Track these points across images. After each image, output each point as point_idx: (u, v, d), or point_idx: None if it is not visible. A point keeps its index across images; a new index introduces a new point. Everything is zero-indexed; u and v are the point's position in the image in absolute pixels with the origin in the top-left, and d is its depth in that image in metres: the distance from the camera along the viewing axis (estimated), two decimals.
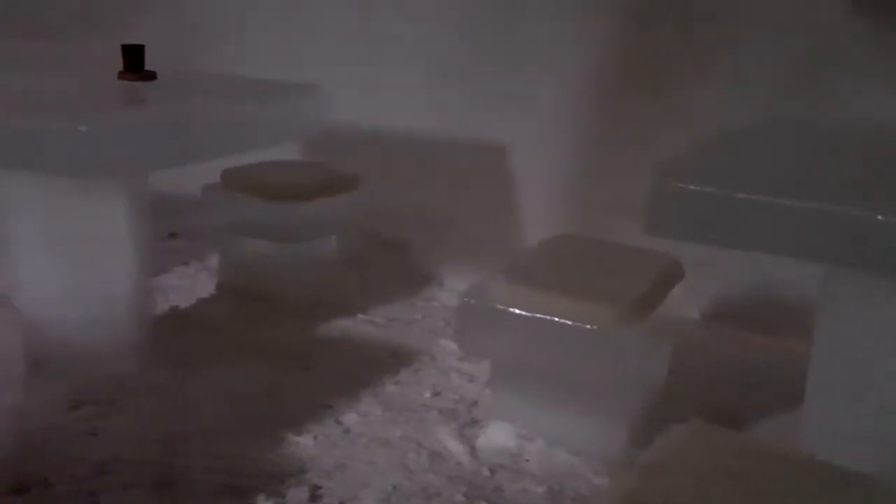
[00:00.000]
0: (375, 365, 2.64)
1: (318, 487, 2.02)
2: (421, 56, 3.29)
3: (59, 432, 2.17)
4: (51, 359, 2.24)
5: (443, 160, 3.29)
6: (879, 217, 1.53)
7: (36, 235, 2.35)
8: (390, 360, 2.68)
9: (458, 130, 3.24)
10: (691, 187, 1.68)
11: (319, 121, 2.56)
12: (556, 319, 2.00)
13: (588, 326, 1.97)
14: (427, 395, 2.47)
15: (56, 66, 2.68)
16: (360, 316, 2.97)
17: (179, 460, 2.11)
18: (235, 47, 3.48)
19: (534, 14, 3.15)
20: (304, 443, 2.20)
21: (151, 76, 2.43)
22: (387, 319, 2.97)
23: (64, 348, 2.31)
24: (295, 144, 3.18)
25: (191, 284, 3.15)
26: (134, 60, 2.37)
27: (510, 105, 3.14)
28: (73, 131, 2.00)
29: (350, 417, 2.33)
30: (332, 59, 3.34)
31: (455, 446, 2.21)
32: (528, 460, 2.15)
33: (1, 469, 1.93)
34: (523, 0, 3.16)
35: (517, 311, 2.03)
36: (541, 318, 2.01)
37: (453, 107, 3.24)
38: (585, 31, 3.09)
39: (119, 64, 2.47)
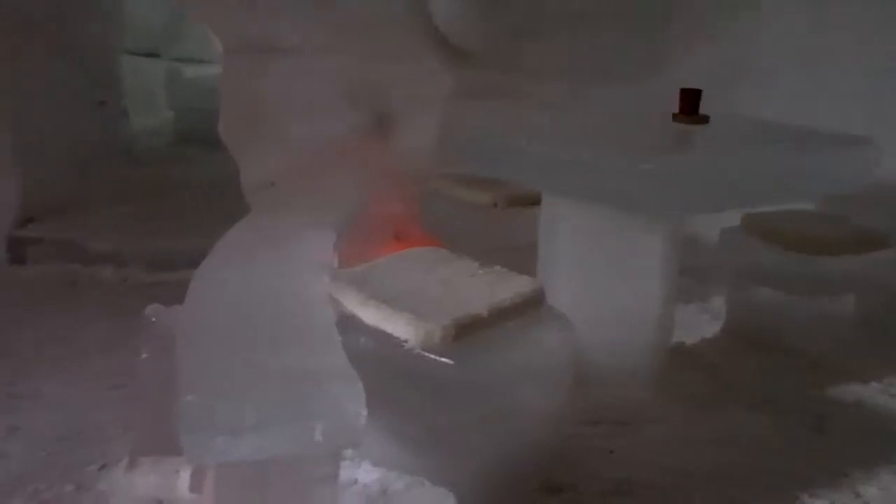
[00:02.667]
0: (894, 439, 2.46)
1: None
2: None
3: (580, 444, 2.34)
4: (576, 374, 2.43)
5: None
6: None
7: (577, 260, 2.55)
8: None
9: None
10: None
11: (868, 175, 2.45)
12: None
13: None
14: None
15: (617, 107, 2.89)
16: (874, 383, 2.79)
17: (691, 495, 2.16)
18: (769, 89, 3.46)
19: None
20: None
21: (704, 120, 2.51)
22: None
23: (587, 365, 2.48)
24: (836, 197, 3.06)
25: (694, 323, 3.19)
26: (690, 104, 2.47)
27: None
28: (637, 170, 2.14)
29: (869, 491, 2.21)
30: (872, 108, 3.17)
31: None
32: None
33: (538, 468, 2.13)
34: None
35: None
36: None
37: None
38: None
39: (670, 106, 2.59)
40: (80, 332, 3.00)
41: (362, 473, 2.08)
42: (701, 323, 3.20)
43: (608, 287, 2.52)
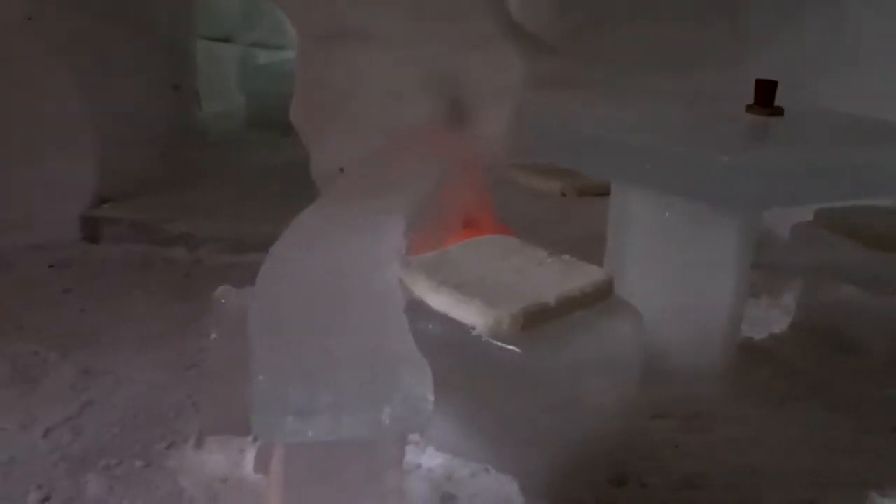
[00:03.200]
0: None
1: None
2: None
3: (646, 437, 2.31)
4: (644, 366, 2.39)
5: None
6: None
7: (647, 251, 2.52)
8: None
9: None
10: None
11: None
12: None
13: None
14: None
15: (687, 98, 2.84)
16: None
17: (760, 492, 2.12)
18: (850, 82, 3.37)
19: None
20: None
21: (780, 112, 2.46)
22: None
23: (655, 358, 2.45)
24: None
25: (763, 318, 3.13)
26: (765, 95, 2.42)
27: None
28: (711, 161, 2.10)
29: None
30: None
31: None
32: None
33: (604, 459, 2.11)
34: None
35: None
36: None
37: None
38: None
39: (746, 97, 2.54)
40: (152, 311, 3.07)
41: (426, 458, 2.09)
42: (770, 318, 3.14)
43: (678, 280, 2.48)
